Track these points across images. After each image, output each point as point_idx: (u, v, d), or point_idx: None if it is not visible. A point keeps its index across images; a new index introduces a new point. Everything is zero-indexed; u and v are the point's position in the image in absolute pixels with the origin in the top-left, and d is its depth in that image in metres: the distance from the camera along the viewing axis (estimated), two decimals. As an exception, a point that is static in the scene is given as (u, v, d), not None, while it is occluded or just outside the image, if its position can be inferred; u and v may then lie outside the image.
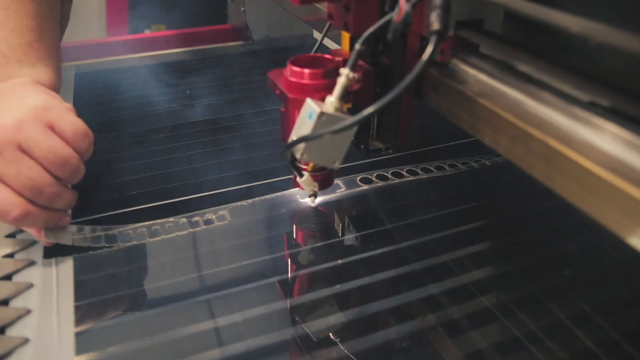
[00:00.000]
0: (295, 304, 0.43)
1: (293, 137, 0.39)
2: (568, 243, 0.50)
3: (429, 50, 0.33)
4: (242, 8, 0.99)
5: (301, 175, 0.44)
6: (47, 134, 0.42)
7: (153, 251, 0.49)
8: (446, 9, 0.34)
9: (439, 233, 0.50)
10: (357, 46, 0.38)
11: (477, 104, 0.36)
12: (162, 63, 0.92)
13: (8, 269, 0.45)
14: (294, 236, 0.52)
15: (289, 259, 0.48)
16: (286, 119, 0.44)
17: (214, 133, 0.69)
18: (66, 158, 0.42)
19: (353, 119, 0.36)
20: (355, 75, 0.39)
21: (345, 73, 0.38)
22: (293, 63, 0.42)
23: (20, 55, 0.47)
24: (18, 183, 0.41)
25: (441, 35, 0.33)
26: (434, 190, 0.57)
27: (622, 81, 0.31)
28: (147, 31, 1.32)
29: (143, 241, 0.49)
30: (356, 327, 0.41)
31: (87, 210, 0.52)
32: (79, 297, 0.43)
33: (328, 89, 0.40)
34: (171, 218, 0.52)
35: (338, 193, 0.56)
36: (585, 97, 0.32)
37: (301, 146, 0.39)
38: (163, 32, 1.01)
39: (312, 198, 0.46)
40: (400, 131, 0.46)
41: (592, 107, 0.31)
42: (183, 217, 0.52)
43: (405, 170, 0.59)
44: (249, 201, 0.54)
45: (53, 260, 0.46)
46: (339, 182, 0.57)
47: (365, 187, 0.57)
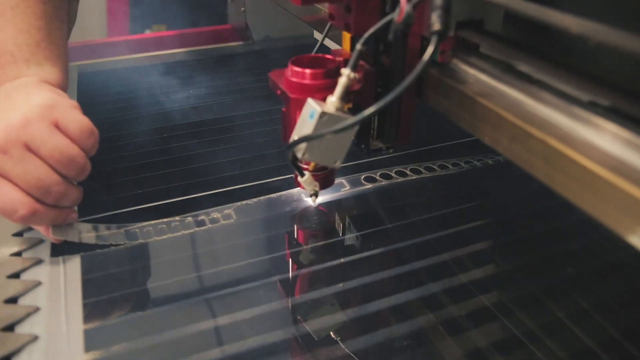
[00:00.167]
0: (303, 301, 0.44)
1: (294, 137, 0.40)
2: (569, 242, 0.50)
3: (430, 50, 0.33)
4: (242, 8, 0.99)
5: (302, 174, 0.44)
6: (53, 133, 0.42)
7: (160, 250, 0.49)
8: (447, 10, 0.34)
9: (442, 232, 0.50)
10: (358, 46, 0.38)
11: (478, 104, 0.37)
12: (163, 63, 0.92)
13: (16, 267, 0.45)
14: (299, 235, 0.52)
15: (296, 258, 0.49)
16: (287, 119, 0.44)
17: (216, 133, 0.69)
18: (72, 156, 0.43)
19: (354, 119, 0.36)
20: (356, 75, 0.39)
21: (346, 73, 0.38)
22: (294, 63, 0.42)
23: (27, 54, 0.47)
24: (25, 182, 0.41)
25: (442, 35, 0.33)
26: (438, 189, 0.58)
27: (622, 81, 0.31)
28: (148, 31, 1.32)
29: (150, 240, 0.49)
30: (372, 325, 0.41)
31: (93, 209, 0.52)
32: (87, 295, 0.43)
33: (329, 89, 0.40)
34: (177, 217, 0.52)
35: (343, 192, 0.56)
36: (585, 97, 0.32)
37: (302, 146, 0.39)
38: (163, 33, 1.01)
39: (314, 197, 0.46)
40: (401, 131, 0.47)
41: (592, 107, 0.31)
42: (189, 216, 0.52)
43: (408, 169, 0.60)
44: (254, 200, 0.55)
45: (60, 258, 0.47)
46: (344, 181, 0.58)
47: (369, 186, 0.57)
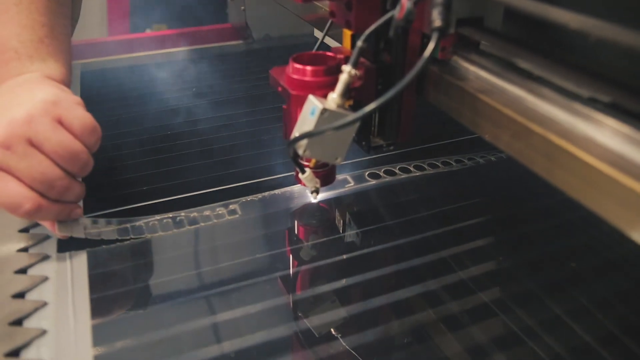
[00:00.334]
0: (307, 297, 0.44)
1: (295, 134, 0.40)
2: (571, 239, 0.50)
3: (431, 46, 0.33)
4: (242, 7, 0.99)
5: (303, 171, 0.44)
6: (57, 129, 0.42)
7: (165, 245, 0.49)
8: (447, 6, 0.34)
9: (445, 228, 0.51)
10: (359, 43, 0.38)
11: (478, 101, 0.37)
12: (163, 62, 0.92)
13: (23, 263, 0.45)
14: (302, 231, 0.52)
15: (301, 253, 0.49)
16: (288, 116, 0.44)
17: (217, 130, 0.69)
18: (75, 152, 0.43)
19: (355, 115, 0.36)
20: (357, 72, 0.39)
21: (347, 70, 0.39)
22: (295, 60, 0.43)
23: (31, 50, 0.47)
24: (29, 177, 0.42)
25: (443, 31, 0.34)
26: (441, 185, 0.58)
27: (622, 77, 0.31)
28: (148, 31, 1.32)
29: (155, 235, 0.50)
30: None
31: (98, 205, 0.53)
32: (94, 290, 0.43)
33: (330, 86, 0.40)
34: (182, 212, 0.52)
35: (347, 188, 0.57)
36: (585, 93, 0.32)
37: (304, 142, 0.39)
38: (164, 32, 1.01)
39: (314, 194, 0.47)
40: (401, 128, 0.47)
41: (592, 103, 0.31)
42: (195, 211, 0.52)
43: (412, 165, 0.60)
44: (259, 196, 0.55)
45: (67, 254, 0.47)
46: (348, 177, 0.58)
47: (373, 182, 0.58)
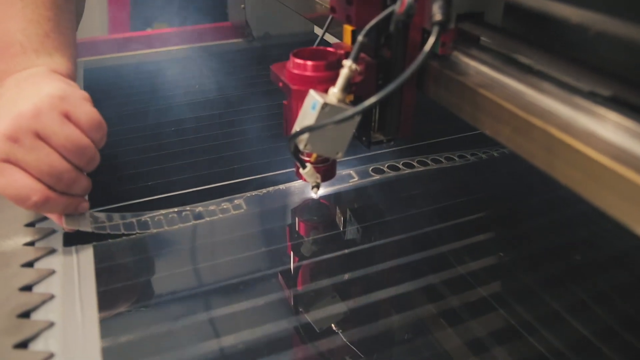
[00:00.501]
0: (313, 290, 0.44)
1: (296, 128, 0.40)
2: (572, 234, 0.51)
3: (432, 40, 0.34)
4: (242, 5, 0.99)
5: (304, 166, 0.44)
6: (64, 123, 0.42)
7: (171, 239, 0.49)
8: (448, 0, 0.34)
9: (446, 223, 0.51)
10: (360, 38, 0.38)
11: (479, 95, 0.37)
12: (164, 60, 0.92)
13: (29, 257, 0.45)
14: (309, 225, 0.53)
15: (304, 248, 0.49)
16: (289, 111, 0.44)
17: (218, 127, 0.69)
18: (83, 146, 0.43)
19: (356, 109, 0.36)
20: (357, 67, 0.39)
21: (348, 64, 0.39)
22: (296, 55, 0.43)
23: (37, 45, 0.47)
24: (37, 169, 0.42)
25: (443, 26, 0.34)
26: (444, 180, 0.59)
27: (622, 71, 0.31)
28: (149, 30, 1.32)
29: (161, 229, 0.50)
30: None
31: (104, 200, 0.53)
32: (101, 284, 0.43)
33: (330, 81, 0.41)
34: (187, 207, 0.52)
35: (351, 182, 0.57)
36: (585, 87, 0.32)
37: (305, 137, 0.39)
38: (164, 30, 1.01)
39: (315, 189, 0.47)
40: (401, 123, 0.47)
41: (592, 97, 0.31)
42: (200, 206, 0.53)
43: (415, 160, 0.61)
44: (263, 191, 0.55)
45: (73, 248, 0.47)
46: (352, 172, 0.59)
47: (377, 177, 0.58)
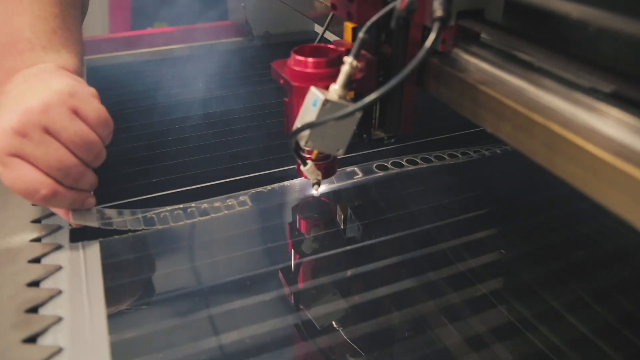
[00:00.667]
0: (320, 286, 0.44)
1: (297, 125, 0.40)
2: (574, 230, 0.51)
3: (432, 36, 0.34)
4: (242, 4, 0.99)
5: (305, 163, 0.44)
6: (73, 119, 0.43)
7: (177, 235, 0.50)
8: (449, -3, 0.34)
9: (450, 219, 0.52)
10: (361, 35, 0.38)
11: (479, 92, 0.37)
12: (165, 59, 0.93)
13: (36, 253, 0.45)
14: (312, 222, 0.53)
15: (308, 244, 0.49)
16: (290, 109, 0.44)
17: (219, 125, 0.70)
18: (91, 142, 0.44)
19: (357, 105, 0.36)
20: (358, 63, 0.39)
21: (349, 61, 0.39)
22: (297, 52, 0.43)
23: (45, 41, 0.47)
24: (46, 164, 0.42)
25: (444, 22, 0.34)
26: (448, 177, 0.59)
27: (622, 67, 0.31)
28: (150, 29, 1.32)
29: (167, 226, 0.50)
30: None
31: (110, 197, 0.53)
32: (108, 279, 0.44)
33: (331, 78, 0.41)
34: (193, 203, 0.52)
35: (355, 179, 0.58)
36: (586, 84, 0.32)
37: (306, 133, 0.39)
38: (164, 29, 1.01)
39: (316, 187, 0.47)
40: (402, 120, 0.47)
41: (593, 93, 0.31)
42: (205, 203, 0.53)
43: (419, 157, 0.61)
44: (268, 187, 0.56)
45: (80, 244, 0.47)
46: (356, 169, 0.59)
47: (381, 174, 0.59)
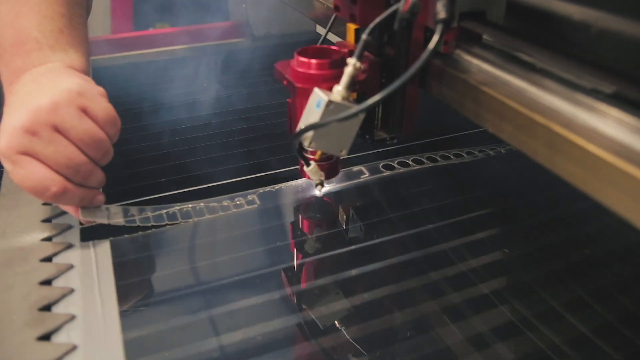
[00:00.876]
0: (339, 279, 0.45)
1: (301, 126, 0.40)
2: (575, 230, 0.51)
3: (436, 38, 0.34)
4: (243, 5, 1.00)
5: (308, 164, 0.45)
6: (82, 118, 0.43)
7: (186, 233, 0.50)
8: (452, -1, 0.35)
9: (455, 219, 0.52)
10: (364, 36, 0.39)
11: (481, 93, 0.37)
12: (166, 59, 0.93)
13: (47, 252, 0.46)
14: (317, 221, 0.53)
15: (314, 243, 0.50)
16: (293, 110, 0.45)
17: (221, 126, 0.70)
18: (99, 140, 0.44)
19: (361, 107, 0.36)
20: (361, 65, 0.40)
21: (352, 62, 0.39)
22: (300, 54, 0.43)
23: (52, 41, 0.48)
24: (55, 162, 0.42)
25: (447, 23, 0.34)
26: (453, 176, 0.60)
27: (623, 68, 0.32)
28: (151, 29, 1.32)
29: (176, 223, 0.50)
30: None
31: (119, 197, 0.53)
32: (119, 277, 0.44)
33: (334, 79, 0.41)
34: (201, 202, 0.53)
35: (362, 178, 0.58)
36: (587, 85, 0.33)
37: (309, 134, 0.40)
38: (166, 29, 1.02)
39: (319, 187, 0.47)
40: (404, 121, 0.47)
41: (595, 94, 0.32)
42: (214, 201, 0.53)
43: (425, 157, 0.62)
44: (276, 187, 0.56)
45: (90, 243, 0.47)
46: (363, 169, 0.60)
47: (387, 173, 0.59)
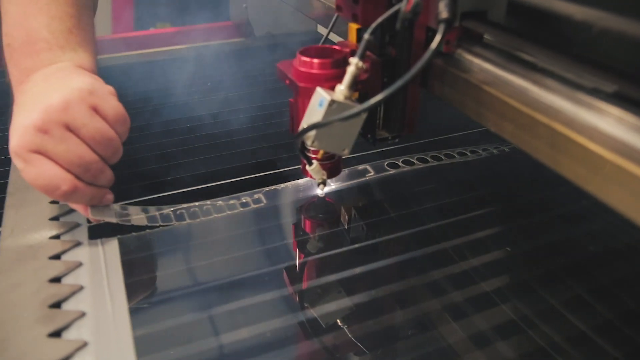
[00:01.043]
0: (336, 280, 0.45)
1: (303, 125, 0.40)
2: (576, 228, 0.52)
3: (438, 37, 0.34)
4: (244, 4, 1.00)
5: (310, 163, 0.45)
6: (93, 116, 0.44)
7: (193, 232, 0.50)
8: (454, -1, 0.35)
9: (457, 217, 0.53)
10: (366, 36, 0.39)
11: (483, 92, 0.37)
12: (168, 59, 0.93)
13: (56, 249, 0.46)
14: (320, 220, 0.53)
15: (320, 241, 0.50)
16: (295, 109, 0.45)
17: (225, 125, 0.70)
18: (110, 138, 0.44)
19: (363, 106, 0.37)
20: (364, 64, 0.40)
21: (354, 62, 0.39)
22: (302, 53, 0.43)
23: (62, 41, 0.48)
24: (66, 160, 0.43)
25: (449, 23, 0.34)
26: (456, 175, 0.60)
27: (625, 67, 0.32)
28: (152, 29, 1.33)
29: (184, 222, 0.51)
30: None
31: (126, 195, 0.53)
32: (128, 275, 0.44)
33: (337, 79, 0.41)
34: (208, 201, 0.53)
35: (367, 177, 0.59)
36: (589, 84, 0.33)
37: (312, 133, 0.40)
38: (167, 29, 1.02)
39: (321, 186, 0.47)
40: (406, 121, 0.47)
41: (596, 93, 0.32)
42: (220, 200, 0.53)
43: (429, 156, 0.62)
44: (282, 185, 0.57)
45: (98, 240, 0.48)
46: (368, 167, 0.60)
47: (392, 172, 0.60)
